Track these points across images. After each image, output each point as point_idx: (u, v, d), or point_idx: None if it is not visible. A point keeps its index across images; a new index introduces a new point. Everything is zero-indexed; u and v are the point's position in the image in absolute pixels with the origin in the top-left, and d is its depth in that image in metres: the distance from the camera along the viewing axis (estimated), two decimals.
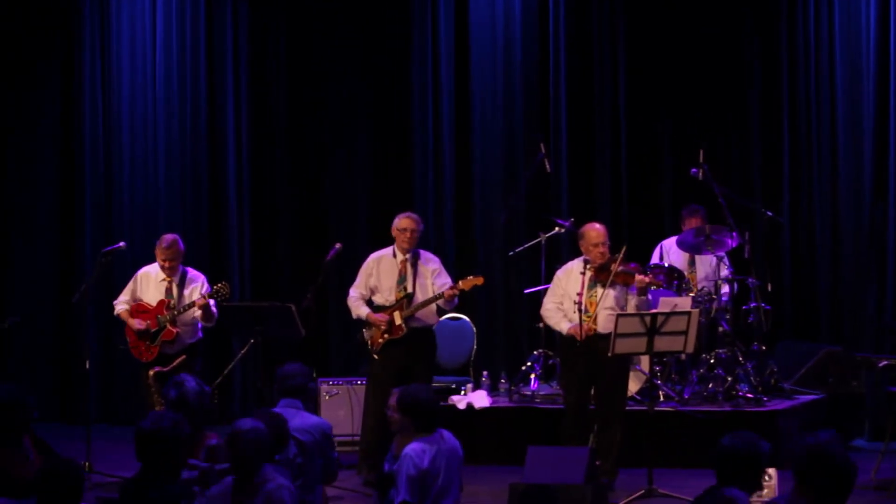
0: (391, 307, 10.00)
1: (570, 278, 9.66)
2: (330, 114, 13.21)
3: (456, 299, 9.98)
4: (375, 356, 10.03)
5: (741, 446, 5.46)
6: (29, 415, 7.02)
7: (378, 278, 10.13)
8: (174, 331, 10.11)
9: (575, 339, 9.45)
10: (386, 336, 9.96)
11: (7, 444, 6.97)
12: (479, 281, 9.99)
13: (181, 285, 10.23)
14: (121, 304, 10.40)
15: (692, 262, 11.30)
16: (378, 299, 10.13)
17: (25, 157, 13.56)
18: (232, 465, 6.31)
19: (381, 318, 9.98)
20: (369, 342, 10.07)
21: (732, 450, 5.46)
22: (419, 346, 9.98)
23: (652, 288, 9.79)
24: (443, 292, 9.87)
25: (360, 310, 10.14)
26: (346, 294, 10.32)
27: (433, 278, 10.01)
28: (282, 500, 6.17)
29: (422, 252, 10.18)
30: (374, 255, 10.24)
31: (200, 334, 10.36)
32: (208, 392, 7.20)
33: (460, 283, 9.91)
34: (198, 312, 10.12)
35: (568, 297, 9.59)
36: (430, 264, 10.09)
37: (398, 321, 9.94)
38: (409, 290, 9.98)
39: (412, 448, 7.16)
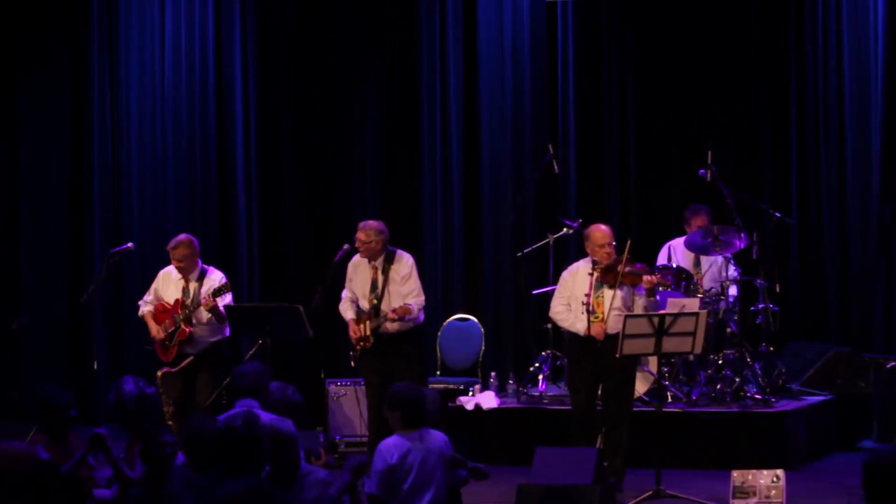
0: (366, 315, 9.97)
1: (576, 279, 9.65)
2: (338, 115, 13.22)
3: (412, 313, 9.76)
4: (353, 363, 10.04)
5: None
6: (69, 413, 7.13)
7: (356, 284, 10.10)
8: (188, 330, 10.09)
9: (588, 338, 9.43)
10: (361, 344, 9.95)
11: (53, 439, 7.11)
12: (404, 311, 9.75)
13: (199, 282, 10.21)
14: (146, 305, 10.39)
15: (698, 263, 11.30)
16: (361, 304, 10.09)
17: (36, 160, 13.58)
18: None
19: (353, 330, 9.96)
20: (352, 350, 10.07)
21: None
22: (395, 352, 9.86)
23: (660, 288, 9.79)
24: (386, 315, 9.78)
25: (345, 314, 10.11)
26: None
27: (402, 284, 9.88)
28: None
29: (398, 253, 10.02)
30: (353, 259, 10.17)
31: (227, 333, 10.30)
32: (149, 395, 7.20)
33: (398, 308, 9.75)
34: (207, 314, 10.11)
35: (574, 299, 9.58)
36: (402, 269, 9.92)
37: (367, 332, 9.91)
38: (380, 298, 9.85)
39: (384, 443, 7.28)
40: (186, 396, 10.13)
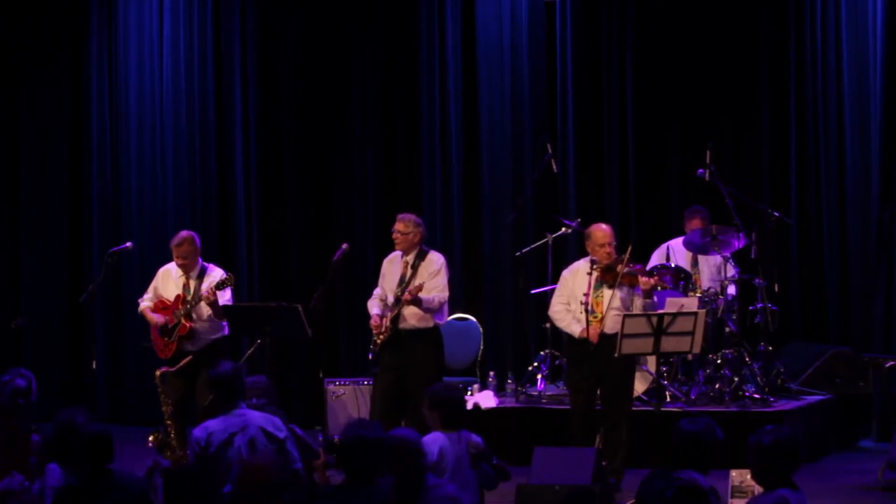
0: (389, 309, 9.98)
1: (576, 279, 9.66)
2: (338, 115, 13.22)
3: (430, 302, 9.77)
4: (370, 356, 10.03)
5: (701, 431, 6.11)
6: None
7: (386, 278, 10.12)
8: (188, 325, 10.05)
9: (586, 341, 9.45)
10: (381, 337, 9.94)
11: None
12: (417, 290, 9.74)
13: (199, 280, 10.19)
14: (144, 302, 10.36)
15: (695, 263, 11.30)
16: (388, 299, 10.11)
17: (35, 161, 13.60)
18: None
19: (374, 319, 9.97)
20: (373, 344, 10.06)
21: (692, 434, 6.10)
22: (412, 350, 9.83)
23: (658, 289, 9.79)
24: (402, 297, 9.78)
25: (370, 309, 10.11)
26: (353, 294, 10.29)
27: (429, 280, 9.87)
28: None
29: (431, 252, 10.07)
30: (389, 255, 10.23)
31: (226, 331, 10.24)
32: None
33: (413, 288, 9.74)
34: (207, 309, 10.07)
35: (574, 298, 9.59)
36: (431, 266, 9.93)
37: (388, 323, 9.93)
38: (404, 291, 9.84)
39: (424, 439, 7.22)
40: (186, 397, 10.10)
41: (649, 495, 5.71)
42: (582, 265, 9.69)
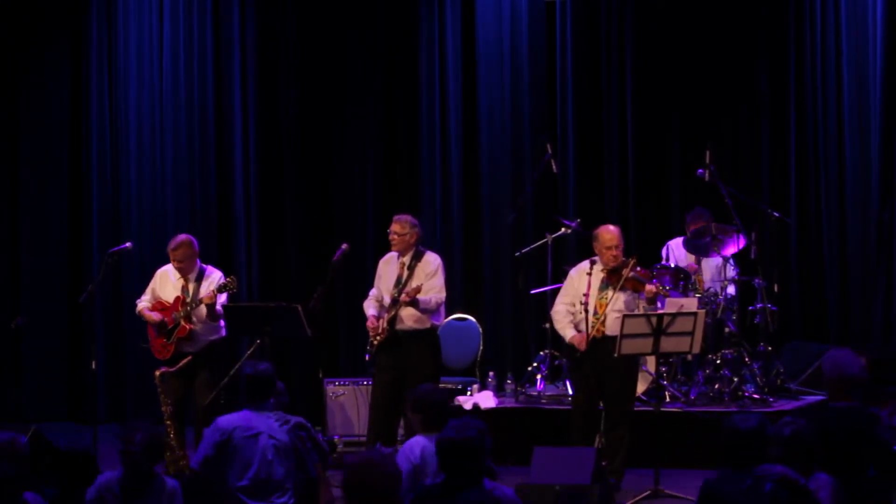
0: (386, 310, 9.98)
1: (581, 279, 9.69)
2: (338, 115, 13.22)
3: (427, 302, 9.79)
4: (367, 357, 10.04)
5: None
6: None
7: (383, 279, 10.13)
8: (188, 327, 10.05)
9: (588, 341, 9.48)
10: (378, 338, 9.94)
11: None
12: (415, 292, 9.76)
13: (198, 282, 10.18)
14: (143, 303, 10.37)
15: (698, 263, 11.29)
16: (385, 300, 10.12)
17: (35, 160, 13.58)
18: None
19: (371, 321, 9.97)
20: (369, 345, 10.07)
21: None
22: (409, 351, 9.85)
23: (661, 296, 9.79)
24: (400, 298, 9.79)
25: (367, 310, 10.12)
26: (353, 294, 10.28)
27: (426, 280, 9.88)
28: None
29: (427, 253, 10.09)
30: (385, 256, 10.23)
31: (224, 332, 10.25)
32: None
33: (411, 290, 9.77)
34: (204, 310, 10.08)
35: (578, 298, 9.61)
36: (427, 267, 9.95)
37: (384, 324, 9.92)
38: (401, 292, 9.85)
39: (407, 444, 7.25)
40: (185, 397, 10.11)
41: (733, 496, 5.66)
42: (586, 265, 9.71)
